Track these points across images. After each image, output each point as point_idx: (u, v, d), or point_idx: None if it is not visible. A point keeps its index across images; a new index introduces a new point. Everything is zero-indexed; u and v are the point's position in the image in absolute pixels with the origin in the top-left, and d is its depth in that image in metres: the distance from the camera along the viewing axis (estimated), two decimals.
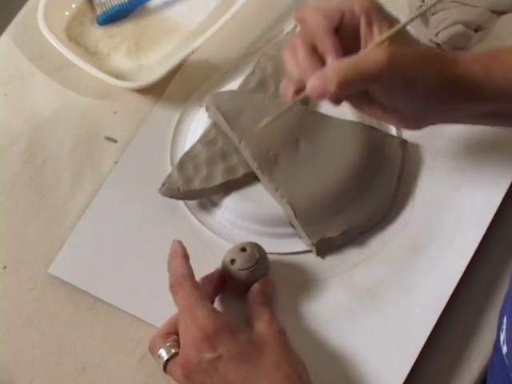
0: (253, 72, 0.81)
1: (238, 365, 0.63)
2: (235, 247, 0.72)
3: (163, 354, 0.67)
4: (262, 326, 0.67)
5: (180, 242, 0.71)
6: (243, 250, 0.72)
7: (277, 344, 0.66)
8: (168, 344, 0.67)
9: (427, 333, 0.71)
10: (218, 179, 0.76)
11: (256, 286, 0.71)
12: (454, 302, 0.73)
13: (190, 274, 0.68)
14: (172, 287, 0.68)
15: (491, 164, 0.78)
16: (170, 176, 0.77)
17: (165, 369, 0.67)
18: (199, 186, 0.76)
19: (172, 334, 0.68)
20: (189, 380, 0.64)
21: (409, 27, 0.84)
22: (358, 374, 0.71)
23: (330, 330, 0.72)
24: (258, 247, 0.72)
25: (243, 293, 0.72)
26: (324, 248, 0.75)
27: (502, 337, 0.62)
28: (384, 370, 0.70)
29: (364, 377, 0.70)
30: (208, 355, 0.63)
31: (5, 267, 0.76)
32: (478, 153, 0.79)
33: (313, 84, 0.63)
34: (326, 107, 0.80)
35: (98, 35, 0.87)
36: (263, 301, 0.70)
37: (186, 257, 0.70)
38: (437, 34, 0.82)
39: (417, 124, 0.69)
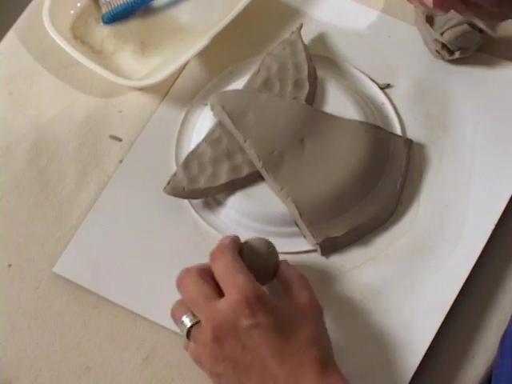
0: (258, 71, 0.81)
1: (273, 337, 0.62)
2: (244, 241, 0.71)
3: (186, 320, 0.65)
4: (304, 299, 0.66)
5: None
6: (250, 241, 0.71)
7: (315, 322, 0.65)
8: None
9: (433, 333, 0.71)
10: (223, 178, 0.76)
11: (285, 264, 0.69)
12: (459, 302, 0.73)
13: (233, 248, 0.67)
14: (212, 255, 0.67)
15: (497, 164, 0.78)
16: (174, 175, 0.77)
17: (187, 335, 0.65)
18: (204, 185, 0.76)
19: None
20: (219, 344, 0.63)
21: (414, 27, 0.85)
22: (363, 375, 0.71)
23: (333, 330, 0.72)
24: (262, 238, 0.71)
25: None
26: (329, 247, 0.75)
27: None
28: (389, 370, 0.70)
29: (369, 377, 0.70)
30: (246, 321, 0.62)
31: (10, 266, 0.76)
32: (483, 152, 0.79)
33: None
34: (331, 107, 0.80)
35: (103, 34, 0.86)
36: (301, 274, 0.69)
37: (234, 239, 0.69)
38: (442, 34, 0.82)
39: None
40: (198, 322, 0.65)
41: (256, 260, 0.70)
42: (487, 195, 0.76)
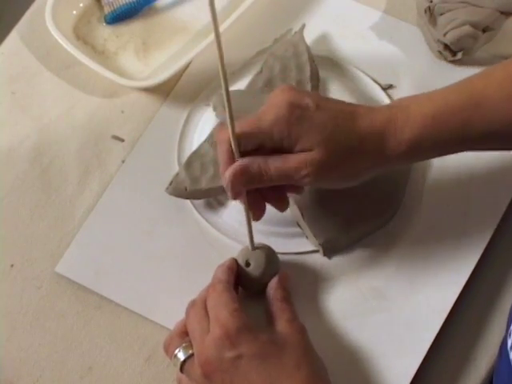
0: (260, 71, 0.81)
1: (259, 364, 0.63)
2: (244, 248, 0.72)
3: (180, 354, 0.66)
4: (283, 324, 0.67)
5: (234, 259, 0.71)
6: (253, 249, 0.72)
7: (298, 343, 0.66)
8: (184, 344, 0.67)
9: (434, 334, 0.71)
10: None
11: (274, 282, 0.71)
12: (461, 303, 0.73)
13: (226, 280, 0.69)
14: (207, 290, 0.68)
15: (500, 164, 0.78)
16: (177, 175, 0.77)
17: (181, 369, 0.66)
18: (206, 186, 0.76)
19: (187, 333, 0.67)
20: (209, 379, 0.64)
21: (417, 28, 0.85)
22: (364, 375, 0.70)
23: (335, 331, 0.72)
24: (266, 246, 0.72)
25: (257, 293, 0.72)
26: (331, 248, 0.75)
27: (510, 342, 0.62)
28: (390, 370, 0.70)
29: (370, 377, 0.70)
30: (229, 354, 0.63)
31: (12, 266, 0.76)
32: (485, 152, 0.78)
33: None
34: None
35: (105, 34, 0.87)
36: (283, 297, 0.70)
37: (230, 267, 0.70)
38: (445, 35, 0.82)
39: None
40: (191, 356, 0.66)
41: (252, 274, 0.71)
42: (489, 195, 0.76)
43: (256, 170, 0.65)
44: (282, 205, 0.69)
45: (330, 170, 0.65)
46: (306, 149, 0.64)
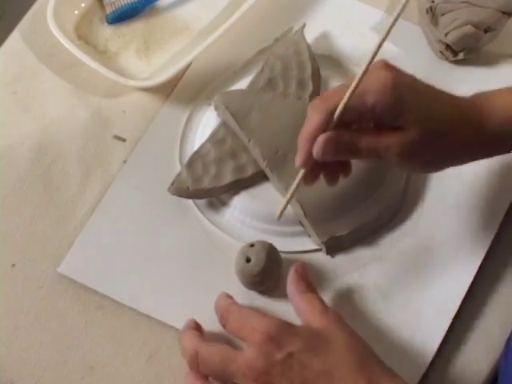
0: (262, 71, 0.81)
1: (312, 357, 0.62)
2: (245, 245, 0.72)
3: None
4: (317, 318, 0.66)
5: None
6: (252, 246, 0.72)
7: (340, 329, 0.65)
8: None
9: (441, 335, 0.71)
10: (227, 178, 0.76)
11: (291, 276, 0.70)
12: (462, 304, 0.73)
13: (234, 301, 0.68)
14: (222, 318, 0.67)
15: (502, 164, 0.78)
16: (179, 175, 0.77)
17: None
18: (208, 185, 0.76)
19: (204, 377, 0.66)
20: None
21: (418, 28, 0.85)
22: None
23: None
24: (266, 243, 0.72)
25: (258, 290, 0.72)
26: (334, 247, 0.75)
27: None
28: (396, 371, 0.70)
29: None
30: (278, 355, 0.62)
31: (13, 265, 0.76)
32: None
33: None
34: None
35: (107, 34, 0.87)
36: (307, 288, 0.69)
37: (226, 293, 0.70)
38: (446, 35, 0.82)
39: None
40: None
41: (252, 270, 0.71)
42: (492, 194, 0.76)
43: (349, 140, 0.65)
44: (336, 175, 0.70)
45: (420, 152, 0.65)
46: (404, 126, 0.64)
